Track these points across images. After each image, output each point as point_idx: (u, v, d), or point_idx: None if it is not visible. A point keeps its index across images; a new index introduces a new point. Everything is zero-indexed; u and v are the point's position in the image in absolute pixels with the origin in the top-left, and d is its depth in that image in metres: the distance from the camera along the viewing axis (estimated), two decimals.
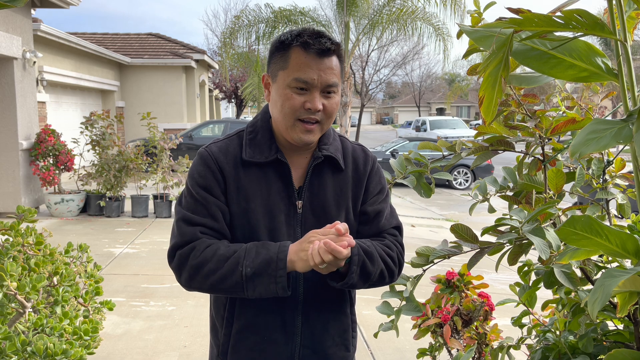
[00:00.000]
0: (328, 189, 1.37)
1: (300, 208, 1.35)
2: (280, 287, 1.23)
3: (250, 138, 1.36)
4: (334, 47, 1.26)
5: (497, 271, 1.53)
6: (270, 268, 1.22)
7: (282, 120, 1.30)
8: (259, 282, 1.23)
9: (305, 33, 1.26)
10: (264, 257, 1.23)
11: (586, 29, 0.92)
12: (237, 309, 1.37)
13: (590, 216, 0.98)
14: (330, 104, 1.28)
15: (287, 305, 1.36)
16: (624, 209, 1.65)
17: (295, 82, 1.25)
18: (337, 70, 1.28)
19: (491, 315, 2.37)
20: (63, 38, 11.18)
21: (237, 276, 1.23)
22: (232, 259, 1.24)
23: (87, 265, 2.57)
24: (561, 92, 1.79)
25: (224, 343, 1.40)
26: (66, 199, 8.12)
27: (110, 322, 4.06)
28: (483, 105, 1.03)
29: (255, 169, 1.33)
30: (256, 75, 21.59)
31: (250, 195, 1.32)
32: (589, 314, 0.87)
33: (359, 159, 1.43)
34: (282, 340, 1.37)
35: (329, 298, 1.40)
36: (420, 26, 13.98)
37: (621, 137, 0.84)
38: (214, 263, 1.25)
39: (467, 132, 20.83)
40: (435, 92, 55.43)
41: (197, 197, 1.32)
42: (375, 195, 1.44)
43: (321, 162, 1.36)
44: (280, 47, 1.29)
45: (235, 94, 27.85)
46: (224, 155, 1.34)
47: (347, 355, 1.48)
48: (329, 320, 1.42)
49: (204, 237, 1.29)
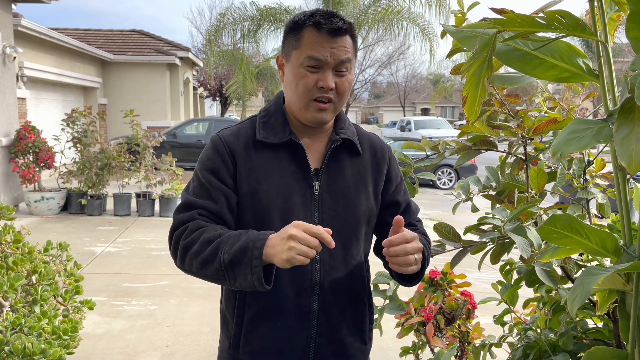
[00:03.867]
0: (347, 172, 1.36)
1: (317, 189, 1.33)
2: (255, 278, 1.14)
3: (264, 121, 1.36)
4: (346, 26, 1.26)
5: (480, 270, 1.54)
6: (246, 257, 1.15)
7: (296, 100, 1.30)
8: (238, 272, 1.16)
9: (318, 13, 1.28)
10: (241, 244, 1.17)
11: (568, 30, 0.93)
12: (249, 296, 1.32)
13: (571, 215, 0.99)
14: (342, 82, 1.28)
15: (303, 290, 1.31)
16: (604, 209, 1.67)
17: (308, 60, 1.25)
18: (350, 48, 1.29)
19: (474, 314, 2.39)
20: (44, 33, 11.01)
21: (217, 262, 1.18)
22: (214, 243, 1.19)
23: (66, 264, 2.53)
24: (543, 93, 1.81)
25: (235, 334, 1.34)
26: (46, 197, 7.99)
27: (91, 322, 4.01)
28: (466, 105, 1.03)
29: (268, 151, 1.32)
30: (241, 74, 21.50)
31: (261, 176, 1.30)
32: (569, 312, 0.88)
33: (375, 145, 1.44)
34: (297, 326, 1.32)
35: (346, 282, 1.36)
36: (407, 26, 14.06)
37: (601, 137, 0.85)
38: (198, 245, 1.21)
39: (451, 132, 20.98)
40: (420, 93, 55.76)
41: (202, 180, 1.30)
42: (398, 183, 1.46)
43: (338, 145, 1.36)
44: (293, 27, 1.30)
45: (219, 92, 27.69)
46: (236, 138, 1.33)
47: (363, 349, 1.43)
48: (346, 307, 1.37)
49: (200, 218, 1.26)
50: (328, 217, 1.33)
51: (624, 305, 1.05)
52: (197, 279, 1.42)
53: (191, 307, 4.46)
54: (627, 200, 0.98)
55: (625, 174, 0.97)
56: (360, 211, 1.36)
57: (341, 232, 1.32)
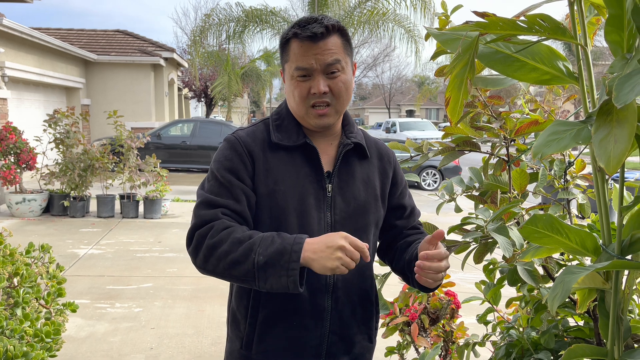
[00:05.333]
0: (357, 175, 1.40)
1: (330, 192, 1.35)
2: (291, 281, 1.16)
3: (277, 124, 1.38)
4: (325, 29, 1.28)
5: (463, 270, 1.55)
6: (283, 259, 1.17)
7: (297, 109, 1.34)
8: (271, 273, 1.17)
9: (298, 23, 1.31)
10: (277, 247, 1.18)
11: (548, 33, 0.95)
12: (264, 296, 1.33)
13: (552, 215, 1.01)
14: (336, 83, 1.30)
15: (317, 289, 1.33)
16: (584, 209, 1.70)
17: (297, 71, 1.29)
18: (337, 48, 1.30)
19: (457, 313, 2.42)
20: (26, 33, 10.85)
21: (250, 264, 1.19)
22: (246, 244, 1.20)
23: (49, 266, 2.50)
24: (525, 95, 1.84)
25: (248, 334, 1.35)
26: (28, 199, 7.87)
27: (74, 325, 3.96)
28: (449, 106, 1.05)
29: (283, 153, 1.35)
30: (226, 75, 21.41)
31: (279, 177, 1.32)
32: (550, 310, 0.89)
33: (382, 150, 1.49)
34: (311, 325, 1.34)
35: (357, 282, 1.39)
36: (392, 27, 14.13)
37: (580, 138, 0.87)
38: (228, 245, 1.21)
39: (435, 133, 21.13)
40: (405, 94, 56.06)
41: (221, 180, 1.31)
42: (403, 187, 1.50)
43: (349, 149, 1.40)
44: (282, 41, 1.35)
45: (205, 93, 27.55)
46: (252, 139, 1.35)
47: (370, 347, 1.47)
48: (356, 305, 1.40)
49: (224, 218, 1.27)
50: (340, 218, 1.35)
51: (603, 303, 1.07)
52: (182, 281, 1.41)
53: (176, 309, 4.43)
54: (606, 200, 1.00)
55: (604, 175, 0.99)
56: (370, 213, 1.40)
57: (352, 234, 1.33)
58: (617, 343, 1.02)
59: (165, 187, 8.30)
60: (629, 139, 0.79)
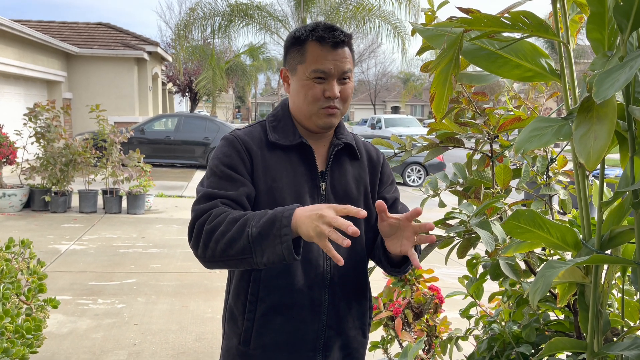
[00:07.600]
0: (348, 174, 1.46)
1: (323, 190, 1.41)
2: (285, 247, 1.16)
3: (274, 125, 1.44)
4: (346, 38, 1.37)
5: (447, 264, 1.57)
6: (275, 227, 1.18)
7: (305, 109, 1.38)
8: (266, 245, 1.18)
9: (319, 28, 1.37)
10: (269, 216, 1.20)
11: (531, 31, 0.96)
12: (262, 291, 1.36)
13: (534, 210, 1.02)
14: (346, 89, 1.39)
15: (315, 283, 1.37)
16: (566, 205, 1.73)
17: (314, 72, 1.34)
18: (350, 58, 1.40)
19: (441, 308, 2.44)
20: (6, 25, 10.64)
21: (245, 239, 1.20)
22: (241, 221, 1.22)
23: (29, 262, 2.46)
24: (509, 91, 1.85)
25: (246, 329, 1.37)
26: (8, 194, 7.74)
27: (55, 321, 3.91)
28: (434, 102, 1.05)
29: (280, 152, 1.40)
30: (211, 69, 21.25)
31: (276, 175, 1.37)
32: (531, 304, 0.90)
33: (371, 151, 1.55)
34: (309, 319, 1.37)
35: (352, 277, 1.43)
36: (379, 23, 14.15)
37: (561, 135, 0.88)
38: (224, 225, 1.23)
39: (420, 130, 21.26)
40: (391, 91, 56.21)
41: (220, 175, 1.34)
42: (389, 184, 1.55)
43: (340, 149, 1.46)
44: (295, 42, 1.39)
45: (189, 88, 27.31)
46: (250, 138, 1.40)
47: (363, 342, 1.50)
48: (352, 300, 1.44)
49: (223, 206, 1.29)
50: None
51: (583, 297, 1.09)
52: (166, 276, 1.41)
53: (160, 305, 4.40)
54: (586, 196, 1.02)
55: (585, 171, 1.01)
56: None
57: None
58: (597, 336, 1.04)
59: (148, 183, 8.22)
60: (608, 135, 0.80)
